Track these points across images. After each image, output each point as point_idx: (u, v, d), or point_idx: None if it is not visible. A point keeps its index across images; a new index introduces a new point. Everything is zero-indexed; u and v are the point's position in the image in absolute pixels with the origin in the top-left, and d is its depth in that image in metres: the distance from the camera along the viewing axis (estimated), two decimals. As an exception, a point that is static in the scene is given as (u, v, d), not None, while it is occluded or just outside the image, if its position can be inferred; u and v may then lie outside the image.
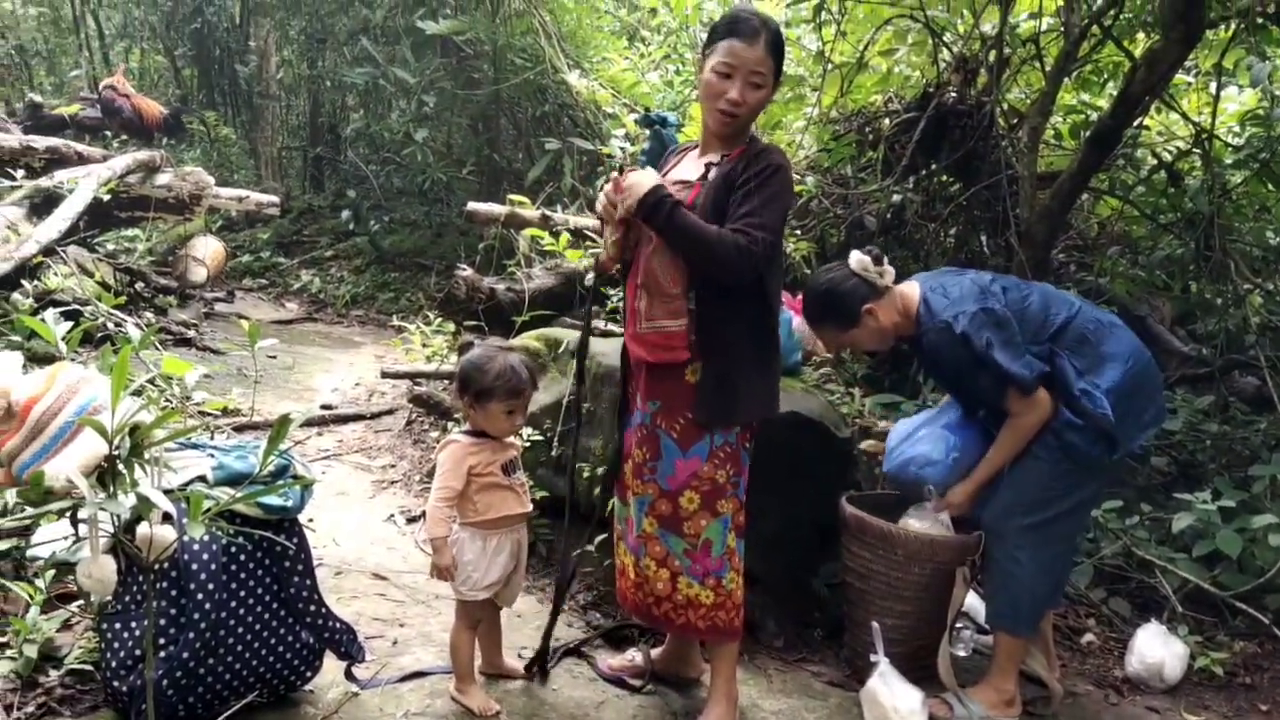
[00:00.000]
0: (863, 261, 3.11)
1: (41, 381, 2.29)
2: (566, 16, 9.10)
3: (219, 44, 12.70)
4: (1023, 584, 3.09)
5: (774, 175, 2.67)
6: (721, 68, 2.66)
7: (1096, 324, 3.09)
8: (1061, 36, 4.64)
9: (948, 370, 3.13)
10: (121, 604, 2.47)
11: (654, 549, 2.88)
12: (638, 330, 2.79)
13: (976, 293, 3.04)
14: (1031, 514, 3.06)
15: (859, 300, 3.10)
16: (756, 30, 2.64)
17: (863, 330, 3.15)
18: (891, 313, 3.12)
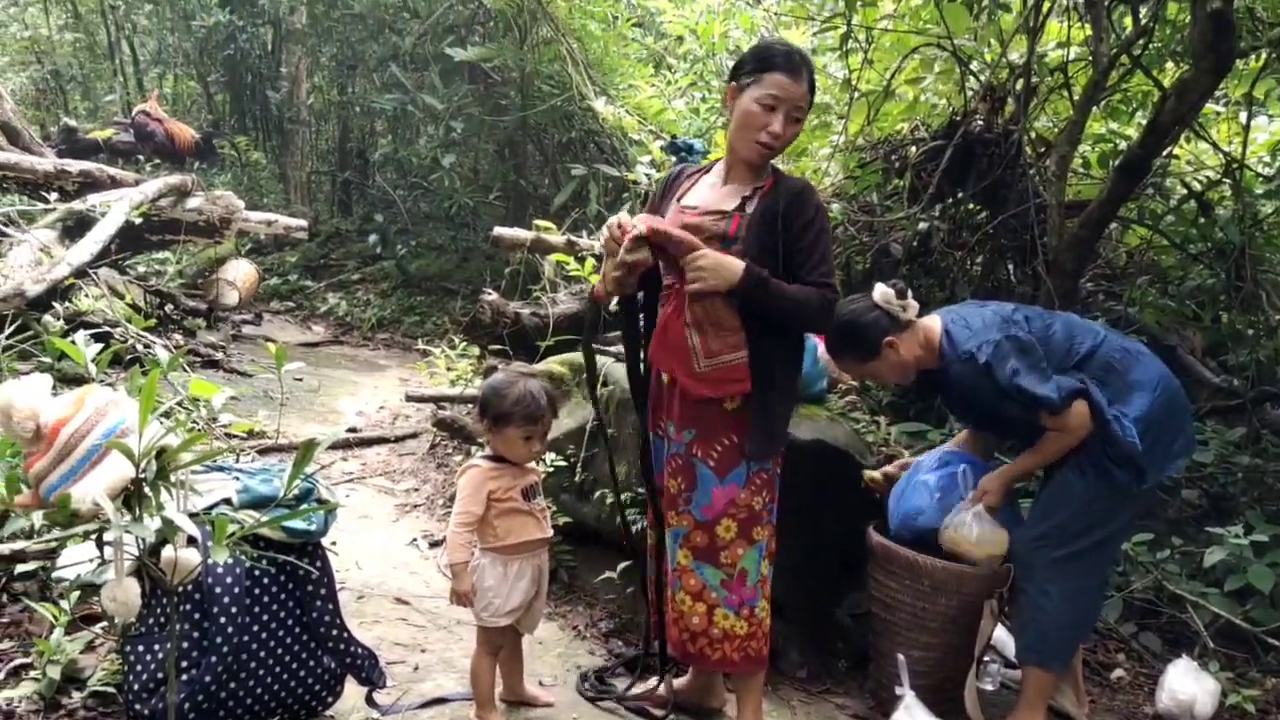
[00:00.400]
0: (886, 294, 3.11)
1: (70, 404, 2.30)
2: (594, 44, 9.17)
3: (251, 70, 12.87)
4: (1052, 617, 3.04)
5: (823, 218, 2.76)
6: (767, 100, 2.68)
7: (1123, 352, 3.05)
8: (1090, 65, 4.63)
9: (975, 403, 3.10)
10: (145, 626, 2.48)
11: (689, 582, 2.86)
12: (696, 369, 2.72)
13: (999, 322, 3.03)
14: (1062, 546, 3.02)
15: (880, 332, 3.09)
16: (799, 66, 2.69)
17: (883, 363, 3.14)
18: (913, 346, 3.11)
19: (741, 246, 2.69)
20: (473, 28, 9.81)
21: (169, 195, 7.29)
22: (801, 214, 2.71)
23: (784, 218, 2.70)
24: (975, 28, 4.94)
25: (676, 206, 2.87)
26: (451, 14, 9.76)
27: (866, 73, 5.19)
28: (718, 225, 2.74)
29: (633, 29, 9.82)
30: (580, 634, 3.73)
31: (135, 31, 12.99)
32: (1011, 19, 4.89)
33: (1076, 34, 4.86)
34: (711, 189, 2.87)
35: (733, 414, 2.75)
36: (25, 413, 2.26)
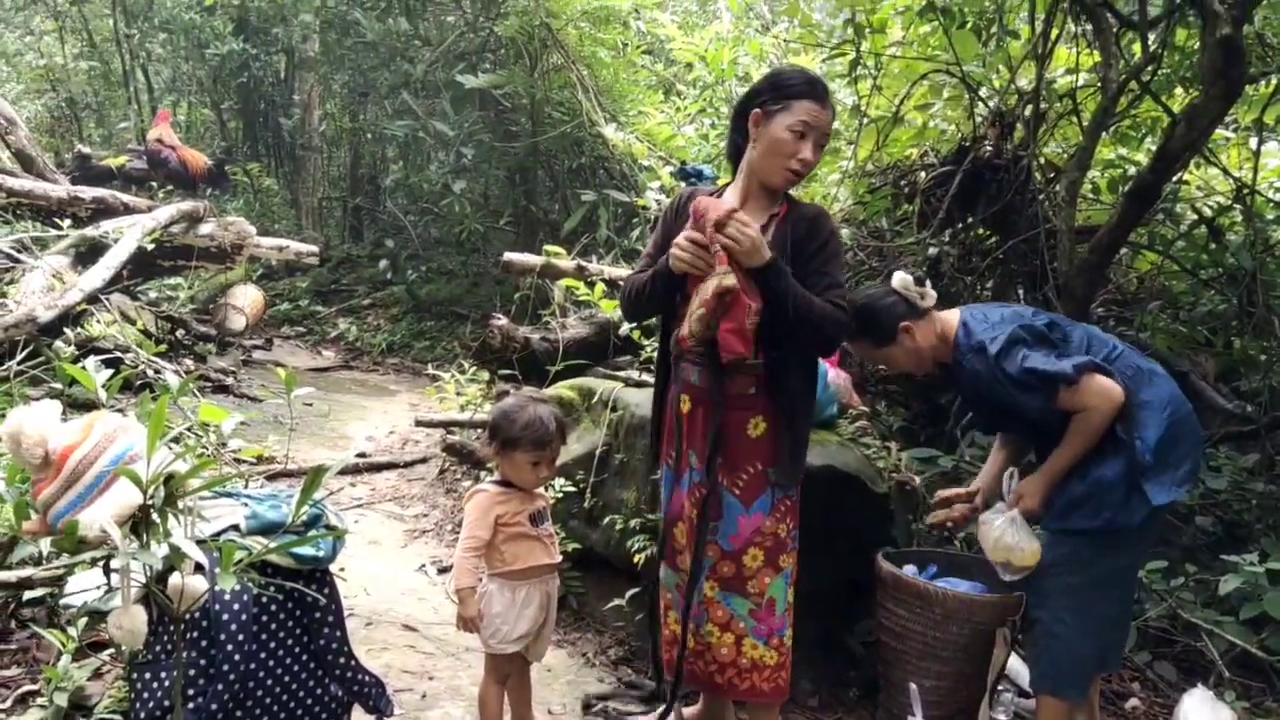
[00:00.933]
0: (904, 280, 3.09)
1: (79, 430, 2.31)
2: (604, 71, 9.22)
3: (264, 97, 12.99)
4: (1068, 646, 2.98)
5: (836, 243, 2.76)
6: (799, 127, 2.67)
7: (1136, 370, 2.99)
8: (1098, 91, 4.63)
9: (989, 397, 3.00)
10: (152, 654, 2.46)
11: (716, 613, 2.83)
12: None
13: (1014, 316, 3.02)
14: (1076, 572, 2.96)
15: (897, 317, 3.06)
16: (825, 94, 2.72)
17: (898, 348, 3.10)
18: (930, 335, 3.07)
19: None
20: (484, 55, 9.89)
21: (181, 221, 7.34)
22: (814, 238, 2.71)
23: (796, 244, 2.70)
24: (984, 54, 4.96)
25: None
26: (463, 42, 9.84)
27: (875, 99, 5.21)
28: None
29: (642, 56, 9.88)
30: (589, 661, 3.71)
31: (150, 60, 13.11)
32: (1020, 45, 4.90)
33: (1085, 60, 4.87)
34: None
35: (756, 440, 2.73)
36: (34, 439, 2.27)
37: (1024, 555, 3.01)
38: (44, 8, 13.25)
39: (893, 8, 5.22)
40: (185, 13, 11.59)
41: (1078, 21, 4.77)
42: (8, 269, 6.36)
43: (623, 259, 7.44)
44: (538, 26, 8.73)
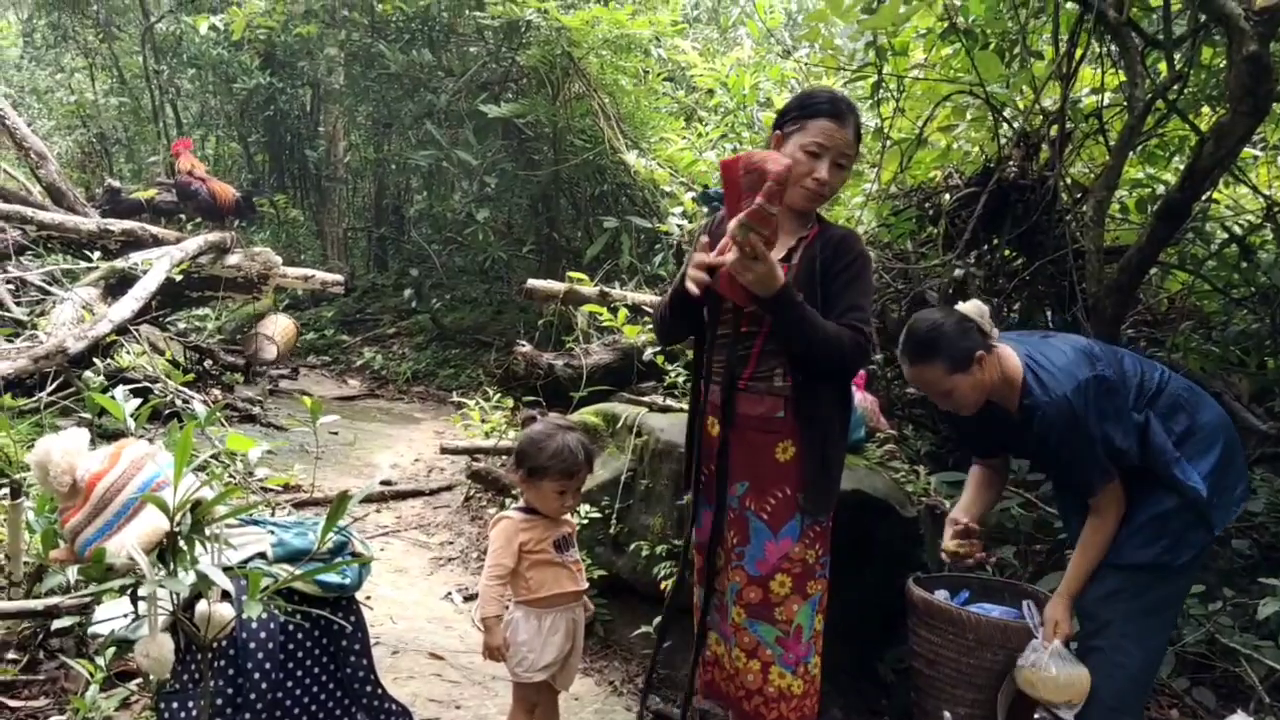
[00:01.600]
0: (982, 309, 2.96)
1: (106, 457, 2.31)
2: (625, 98, 9.27)
3: (290, 130, 13.15)
4: (1131, 674, 2.87)
5: (865, 265, 2.68)
6: (813, 147, 2.63)
7: (1190, 391, 2.93)
8: (1124, 111, 4.60)
9: (1059, 448, 2.89)
10: (179, 683, 2.45)
11: (743, 639, 2.79)
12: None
13: (1085, 359, 2.89)
14: (1135, 599, 2.86)
15: (975, 346, 2.89)
16: (846, 113, 2.65)
17: (968, 379, 2.91)
18: (994, 370, 2.92)
19: None
20: (506, 85, 9.97)
21: (209, 252, 7.41)
22: (840, 259, 2.66)
23: (824, 265, 2.66)
24: (1007, 75, 4.94)
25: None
26: (485, 72, 9.93)
27: (898, 121, 5.20)
28: None
29: (663, 83, 9.93)
30: (617, 689, 3.67)
31: (178, 95, 13.31)
32: (1044, 66, 4.88)
33: (1110, 80, 4.83)
34: None
35: (785, 465, 2.68)
36: (62, 466, 2.27)
37: (1083, 687, 2.91)
38: (75, 45, 13.50)
39: (914, 30, 5.22)
40: (213, 48, 11.77)
41: (1102, 41, 4.74)
42: (39, 301, 6.44)
43: (645, 285, 7.45)
44: (559, 55, 8.79)
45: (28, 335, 5.56)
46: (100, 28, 13.16)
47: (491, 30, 9.39)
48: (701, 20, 12.33)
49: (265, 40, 11.22)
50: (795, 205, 2.72)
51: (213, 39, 11.55)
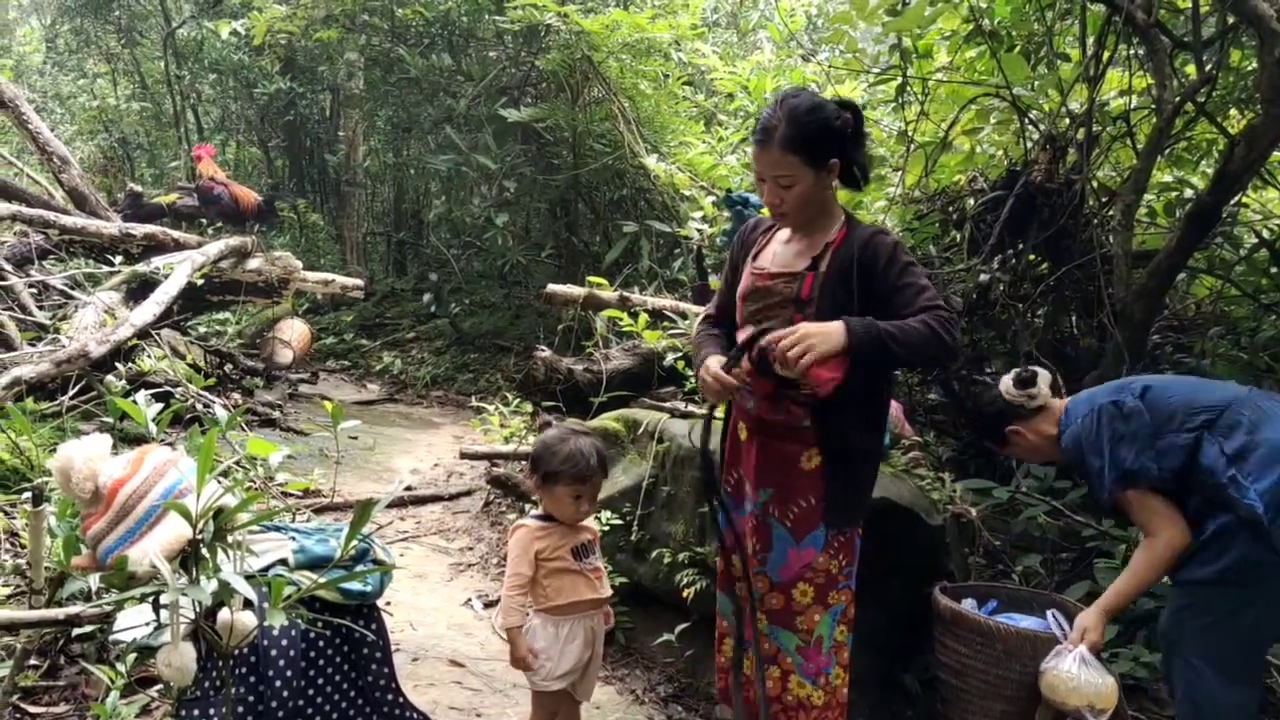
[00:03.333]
0: (1007, 386, 3.09)
1: (128, 464, 2.30)
2: (645, 102, 9.25)
3: (310, 135, 13.18)
4: (1208, 693, 2.80)
5: (902, 252, 2.61)
6: (755, 174, 2.66)
7: (1256, 410, 2.83)
8: (1152, 113, 4.54)
9: (1077, 468, 3.01)
10: (200, 690, 2.44)
11: (764, 646, 2.76)
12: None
13: (1113, 388, 2.96)
14: (1202, 615, 2.80)
15: (1004, 422, 3.10)
16: (766, 133, 2.55)
17: (1015, 448, 3.17)
18: (1048, 428, 3.06)
19: (815, 307, 2.58)
20: (525, 89, 9.96)
21: (230, 256, 7.43)
22: (879, 258, 2.58)
23: (861, 269, 2.58)
24: (1033, 77, 4.89)
25: (750, 266, 2.80)
26: (504, 76, 9.93)
27: (923, 124, 5.15)
28: (789, 288, 2.65)
29: (683, 87, 9.90)
30: (638, 698, 3.63)
31: (200, 100, 13.37)
32: (1070, 68, 4.83)
33: (1138, 82, 4.78)
34: (784, 246, 2.78)
35: (811, 474, 2.64)
36: (84, 473, 2.26)
37: (1108, 694, 2.88)
38: (97, 51, 13.57)
39: (939, 33, 5.17)
40: (234, 53, 11.82)
41: (1130, 43, 4.68)
42: (61, 305, 6.46)
43: (665, 289, 7.42)
44: (579, 60, 8.78)
45: (50, 339, 5.58)
46: (122, 33, 13.22)
47: (511, 34, 9.39)
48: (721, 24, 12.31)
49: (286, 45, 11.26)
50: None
51: (234, 44, 11.60)
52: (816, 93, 2.67)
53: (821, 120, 2.55)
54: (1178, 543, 2.80)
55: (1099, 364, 4.53)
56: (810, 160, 2.55)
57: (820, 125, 2.55)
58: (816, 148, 2.55)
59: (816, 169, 2.57)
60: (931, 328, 2.46)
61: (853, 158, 2.65)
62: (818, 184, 2.61)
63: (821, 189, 2.63)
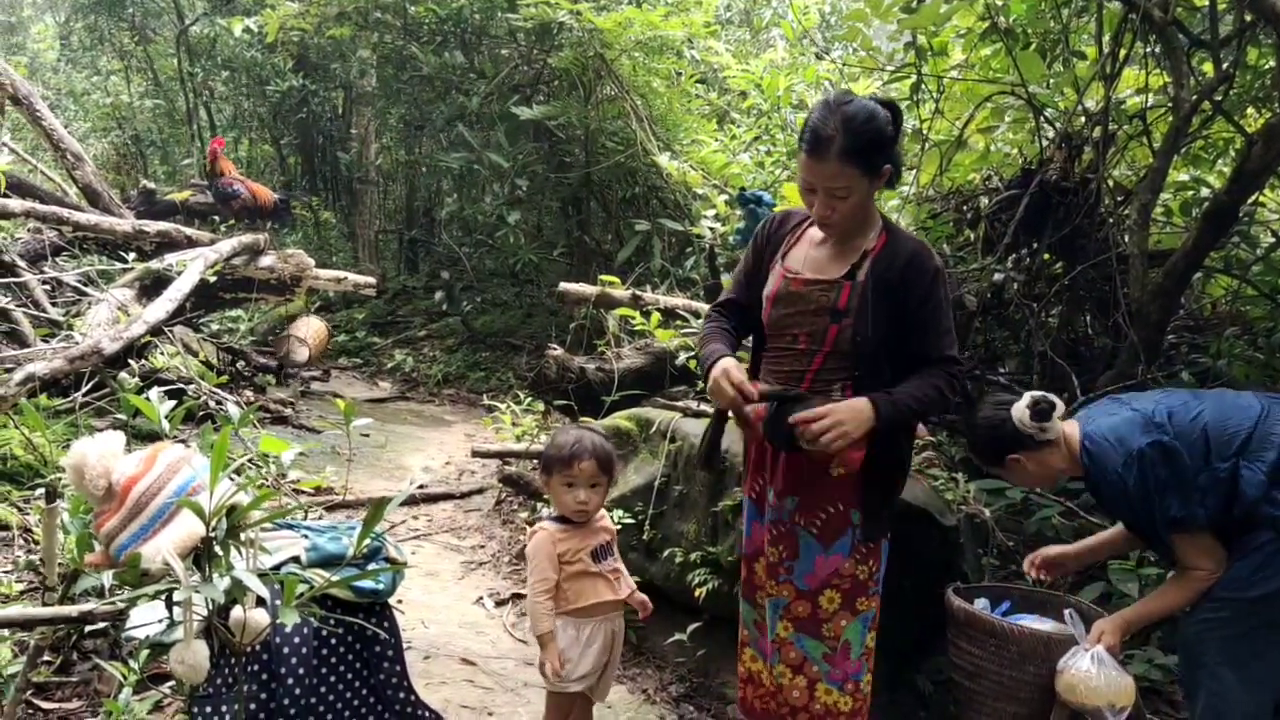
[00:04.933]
0: (1021, 414, 2.94)
1: (141, 461, 2.30)
2: (657, 100, 9.24)
3: (322, 132, 13.21)
4: (1232, 703, 2.76)
5: (941, 284, 2.59)
6: (803, 183, 2.58)
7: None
8: (1169, 112, 4.51)
9: (1123, 517, 2.96)
10: (213, 687, 2.44)
11: (789, 654, 2.74)
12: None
13: (1140, 424, 2.83)
14: (1230, 625, 2.75)
15: (1005, 448, 2.97)
16: (824, 144, 2.47)
17: (1008, 473, 3.06)
18: (1053, 461, 2.95)
19: (852, 319, 2.56)
20: (538, 87, 9.96)
21: (242, 254, 7.44)
22: (919, 283, 2.55)
23: (899, 288, 2.55)
24: (1049, 75, 4.86)
25: (780, 268, 2.74)
26: (517, 74, 9.92)
27: (937, 123, 5.12)
28: (825, 297, 2.60)
29: (696, 85, 9.88)
30: (650, 698, 3.63)
31: (212, 97, 13.41)
32: (1087, 66, 4.80)
33: (1155, 81, 4.74)
34: (817, 248, 2.72)
35: (838, 481, 2.61)
36: (97, 470, 2.26)
37: (1125, 693, 2.85)
38: (111, 48, 13.63)
39: (954, 30, 5.14)
40: (247, 51, 11.85)
41: (1146, 41, 4.65)
42: (74, 301, 6.48)
43: (677, 288, 7.40)
44: (591, 58, 8.77)
45: (63, 336, 5.59)
46: (136, 30, 13.27)
47: (524, 32, 9.38)
48: (734, 22, 12.29)
49: (298, 43, 11.27)
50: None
51: (246, 41, 11.62)
52: (863, 97, 2.59)
53: (877, 129, 2.49)
54: (1216, 576, 2.76)
55: (1114, 364, 4.50)
56: (866, 170, 2.50)
57: (875, 134, 2.48)
58: (872, 157, 2.50)
59: (871, 178, 2.53)
60: (941, 392, 2.56)
61: (895, 160, 2.61)
62: (870, 193, 2.58)
63: (872, 197, 2.62)
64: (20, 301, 6.02)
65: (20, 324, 5.66)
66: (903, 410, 2.52)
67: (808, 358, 2.65)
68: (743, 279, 2.89)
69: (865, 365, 2.58)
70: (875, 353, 2.57)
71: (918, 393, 2.54)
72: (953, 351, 2.60)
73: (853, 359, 2.59)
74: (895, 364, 2.60)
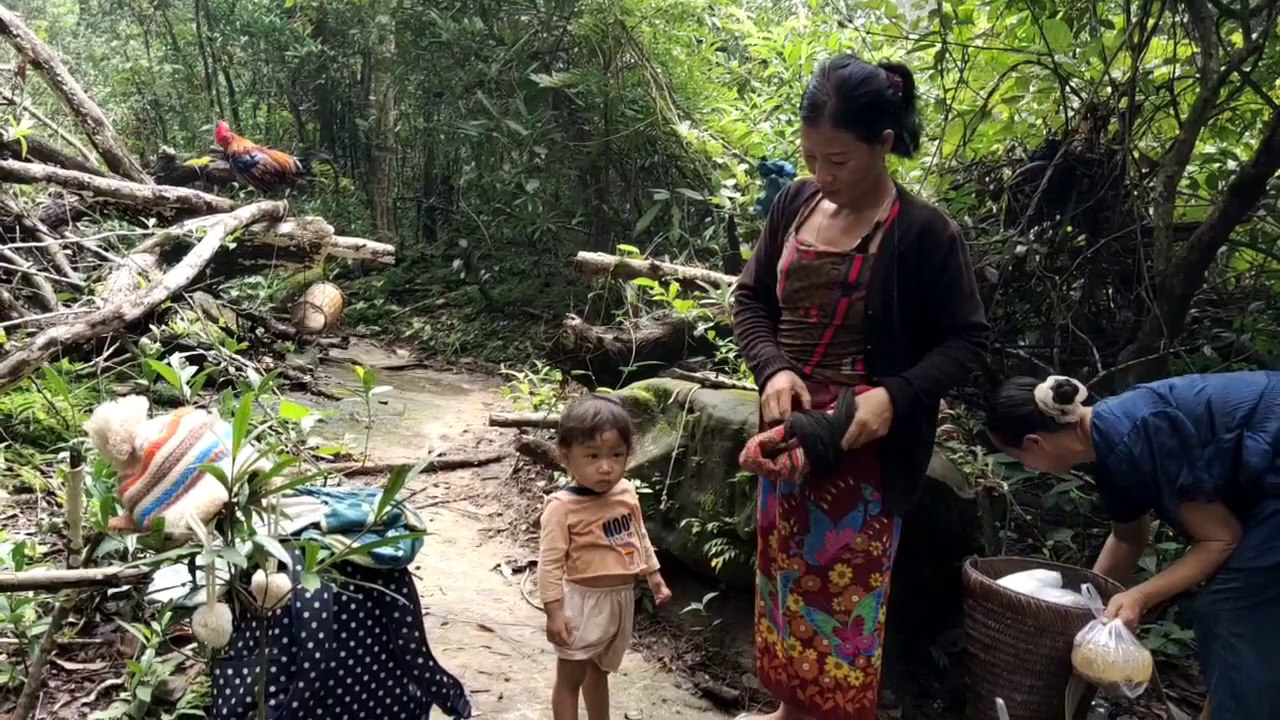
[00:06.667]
0: (1045, 395, 2.99)
1: (165, 426, 2.32)
2: (678, 68, 9.16)
3: (341, 99, 13.17)
4: (1248, 675, 2.77)
5: (959, 252, 2.55)
6: (804, 150, 2.57)
7: None
8: (1197, 83, 4.44)
9: (1132, 491, 2.92)
10: (234, 650, 2.46)
11: (799, 628, 2.75)
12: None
13: (1145, 397, 2.89)
14: (1248, 597, 2.76)
15: (1025, 428, 3.03)
16: (815, 108, 2.45)
17: (1025, 453, 3.10)
18: (1069, 444, 3.01)
19: (864, 293, 2.54)
20: (557, 54, 9.89)
21: (262, 220, 7.44)
22: (935, 254, 2.51)
23: (915, 259, 2.52)
24: (1076, 44, 4.79)
25: (794, 239, 2.72)
26: (536, 41, 9.86)
27: (961, 92, 5.06)
28: (836, 270, 2.58)
29: (717, 53, 9.79)
30: (666, 666, 3.65)
31: (232, 63, 13.38)
32: (1114, 35, 4.72)
33: (1183, 51, 4.67)
34: (830, 220, 2.70)
35: (849, 456, 2.57)
36: (121, 435, 2.28)
37: (1142, 668, 2.86)
38: (130, 13, 13.59)
39: (980, -2, 5.08)
40: (265, 16, 11.80)
41: (1175, 10, 4.57)
42: (95, 266, 6.51)
43: (696, 258, 7.38)
44: (611, 24, 8.70)
45: (85, 300, 5.62)
46: (155, -5, 13.25)
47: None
48: (755, -11, 12.16)
49: (317, 8, 11.23)
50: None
51: (265, 6, 11.59)
52: (865, 61, 2.55)
53: (874, 92, 2.44)
54: (1233, 548, 2.78)
55: (1135, 338, 4.47)
56: (864, 135, 2.46)
57: (873, 97, 2.44)
58: (870, 121, 2.46)
59: (871, 143, 2.49)
60: (961, 364, 2.56)
61: (905, 125, 2.55)
62: (872, 158, 2.53)
63: (876, 162, 2.56)
64: (42, 266, 6.04)
65: (42, 288, 5.69)
66: (919, 392, 2.52)
67: (819, 331, 2.64)
68: (763, 258, 2.87)
69: (877, 338, 2.56)
70: (887, 326, 2.54)
71: (934, 371, 2.54)
72: (978, 317, 2.57)
73: (864, 332, 2.58)
74: (913, 336, 2.58)
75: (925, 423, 2.69)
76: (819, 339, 2.64)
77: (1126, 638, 2.86)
